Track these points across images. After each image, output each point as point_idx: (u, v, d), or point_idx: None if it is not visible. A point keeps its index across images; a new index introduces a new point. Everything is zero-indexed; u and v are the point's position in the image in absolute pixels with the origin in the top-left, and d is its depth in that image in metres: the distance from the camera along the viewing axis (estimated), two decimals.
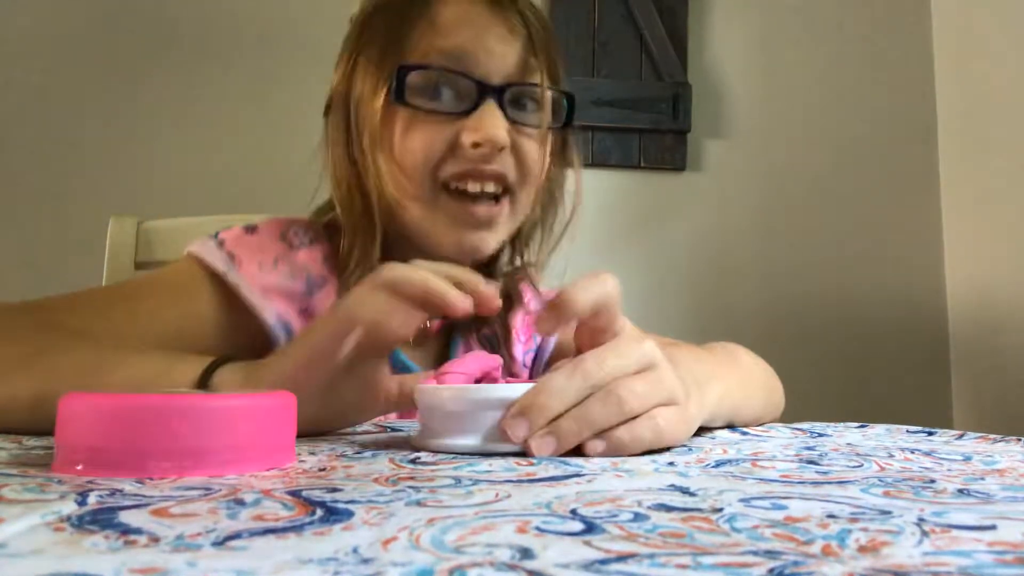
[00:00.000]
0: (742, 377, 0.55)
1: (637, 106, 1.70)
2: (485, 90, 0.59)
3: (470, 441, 0.37)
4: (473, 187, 0.61)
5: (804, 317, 1.73)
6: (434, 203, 0.61)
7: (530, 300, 0.73)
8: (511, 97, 0.61)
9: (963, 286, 1.74)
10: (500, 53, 0.60)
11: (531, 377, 0.73)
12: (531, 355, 0.75)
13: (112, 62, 1.56)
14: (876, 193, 1.79)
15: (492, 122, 0.58)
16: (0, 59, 1.52)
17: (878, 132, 1.80)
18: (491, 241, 0.64)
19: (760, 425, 0.54)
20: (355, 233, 0.63)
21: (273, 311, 0.61)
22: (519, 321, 0.72)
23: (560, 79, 0.65)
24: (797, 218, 1.76)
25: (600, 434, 0.36)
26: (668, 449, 0.39)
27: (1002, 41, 1.64)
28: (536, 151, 0.63)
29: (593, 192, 1.71)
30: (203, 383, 0.42)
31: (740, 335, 1.65)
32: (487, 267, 0.69)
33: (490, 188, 0.61)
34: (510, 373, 0.69)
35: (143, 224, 0.93)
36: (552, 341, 0.75)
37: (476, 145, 0.58)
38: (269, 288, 0.61)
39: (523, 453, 0.36)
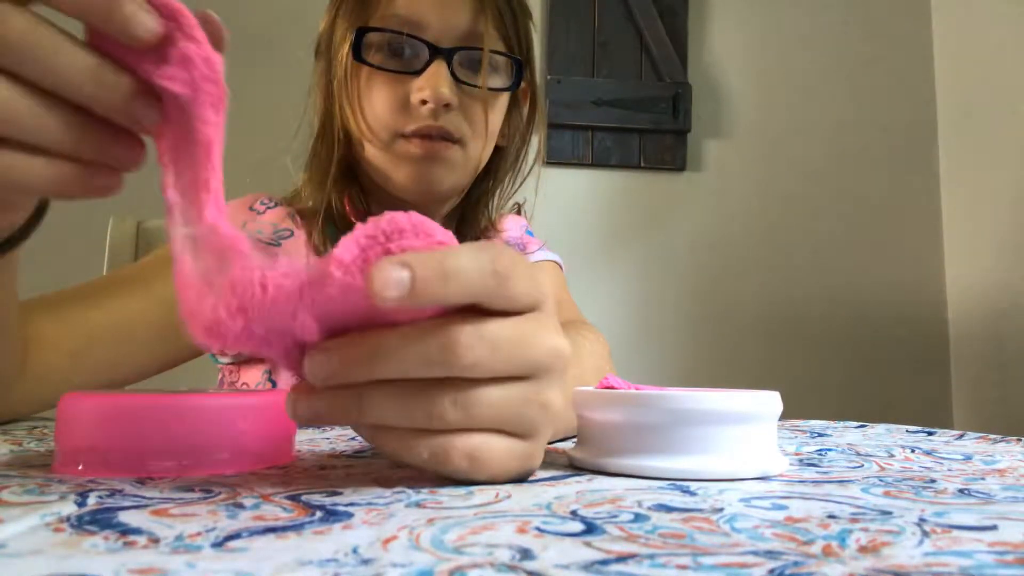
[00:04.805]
0: None
1: (637, 106, 1.70)
2: (435, 52, 0.63)
3: None
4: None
5: (804, 317, 1.73)
6: (391, 146, 0.66)
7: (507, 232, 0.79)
8: (461, 60, 0.65)
9: (963, 286, 1.74)
10: (453, 17, 0.64)
11: None
12: None
13: None
14: (876, 193, 1.79)
15: (436, 80, 0.62)
16: None
17: (878, 132, 1.80)
18: (445, 177, 0.67)
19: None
20: (312, 165, 0.70)
21: None
22: None
23: (519, 44, 0.69)
24: (797, 218, 1.76)
25: None
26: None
27: (1002, 41, 1.64)
28: (481, 111, 0.66)
29: (593, 192, 1.71)
30: None
31: (740, 335, 1.66)
32: (459, 232, 0.74)
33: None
34: None
35: (143, 224, 0.93)
36: None
37: (423, 102, 0.63)
38: None
39: None
